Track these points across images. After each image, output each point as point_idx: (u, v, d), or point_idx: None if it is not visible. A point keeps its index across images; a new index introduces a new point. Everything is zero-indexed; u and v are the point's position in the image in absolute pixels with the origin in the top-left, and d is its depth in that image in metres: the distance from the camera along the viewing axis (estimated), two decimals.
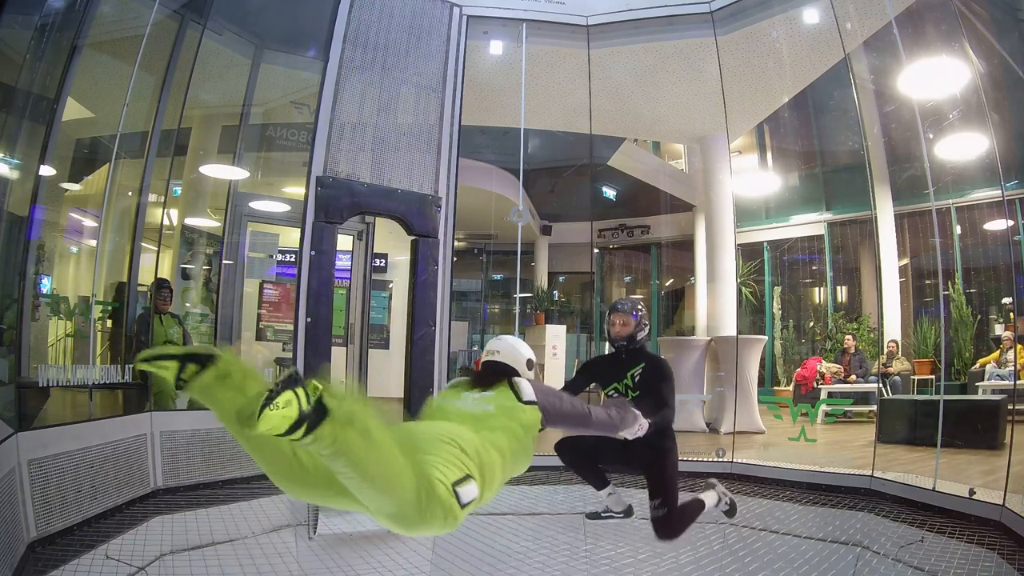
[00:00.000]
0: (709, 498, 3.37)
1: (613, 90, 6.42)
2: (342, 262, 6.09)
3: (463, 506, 1.56)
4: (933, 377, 7.21)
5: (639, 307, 3.16)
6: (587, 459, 3.27)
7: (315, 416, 1.21)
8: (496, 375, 2.13)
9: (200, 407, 4.79)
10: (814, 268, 9.59)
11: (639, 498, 4.43)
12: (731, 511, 3.53)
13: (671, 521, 3.01)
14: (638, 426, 2.44)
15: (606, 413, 2.29)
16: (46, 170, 3.94)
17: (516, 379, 2.08)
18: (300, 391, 1.20)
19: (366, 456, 1.29)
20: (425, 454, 1.57)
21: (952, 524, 3.60)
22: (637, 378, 3.05)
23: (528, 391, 2.01)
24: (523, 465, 1.95)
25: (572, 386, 3.25)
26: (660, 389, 2.97)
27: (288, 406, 1.16)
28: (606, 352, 3.48)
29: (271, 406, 1.15)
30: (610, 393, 3.11)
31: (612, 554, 4.23)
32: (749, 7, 5.54)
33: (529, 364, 2.28)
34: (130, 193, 4.49)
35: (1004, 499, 3.53)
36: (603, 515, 3.54)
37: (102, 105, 4.51)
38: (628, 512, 3.46)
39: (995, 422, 4.94)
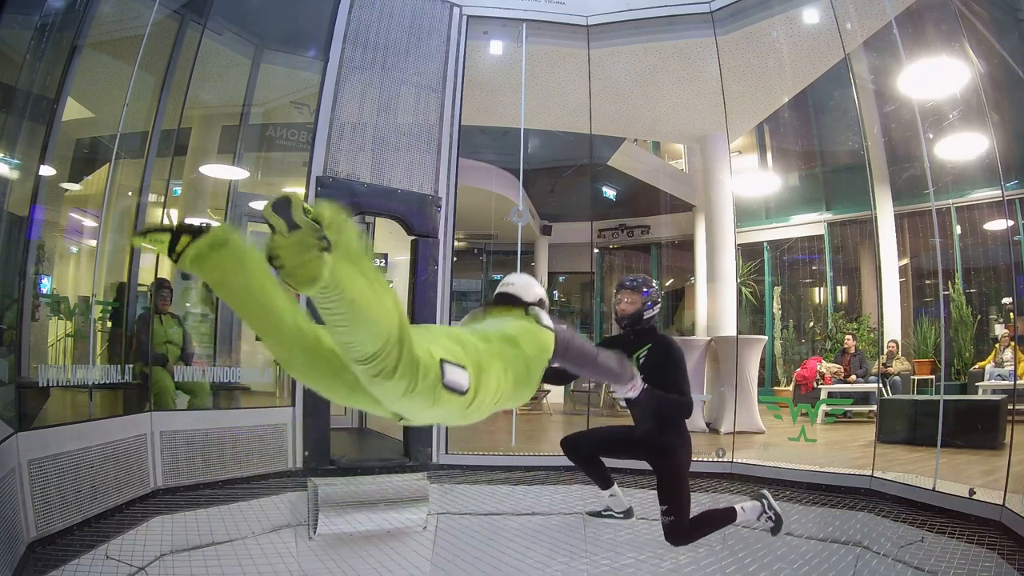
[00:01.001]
0: (748, 510, 3.15)
1: (613, 90, 6.42)
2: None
3: (445, 385, 1.47)
4: (933, 377, 7.21)
5: (650, 284, 2.97)
6: (593, 455, 3.21)
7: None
8: (510, 304, 2.18)
9: (200, 407, 4.78)
10: (814, 268, 9.59)
11: (639, 498, 4.44)
12: (776, 527, 3.19)
13: (679, 529, 2.91)
14: (631, 385, 2.44)
15: (612, 360, 2.28)
16: (46, 170, 3.94)
17: (533, 307, 2.11)
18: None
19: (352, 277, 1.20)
20: (421, 340, 1.48)
21: (952, 524, 3.60)
22: (642, 360, 2.89)
23: (546, 318, 2.04)
24: (525, 395, 1.89)
25: None
26: (668, 373, 2.79)
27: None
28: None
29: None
30: None
31: (612, 553, 4.23)
32: (749, 7, 5.54)
33: (541, 302, 2.29)
34: (130, 193, 4.49)
35: (1004, 499, 3.53)
36: (603, 514, 3.46)
37: (102, 105, 4.50)
38: (628, 514, 3.39)
39: (995, 422, 4.94)
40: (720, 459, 5.00)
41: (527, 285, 2.32)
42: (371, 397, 1.47)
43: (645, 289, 2.93)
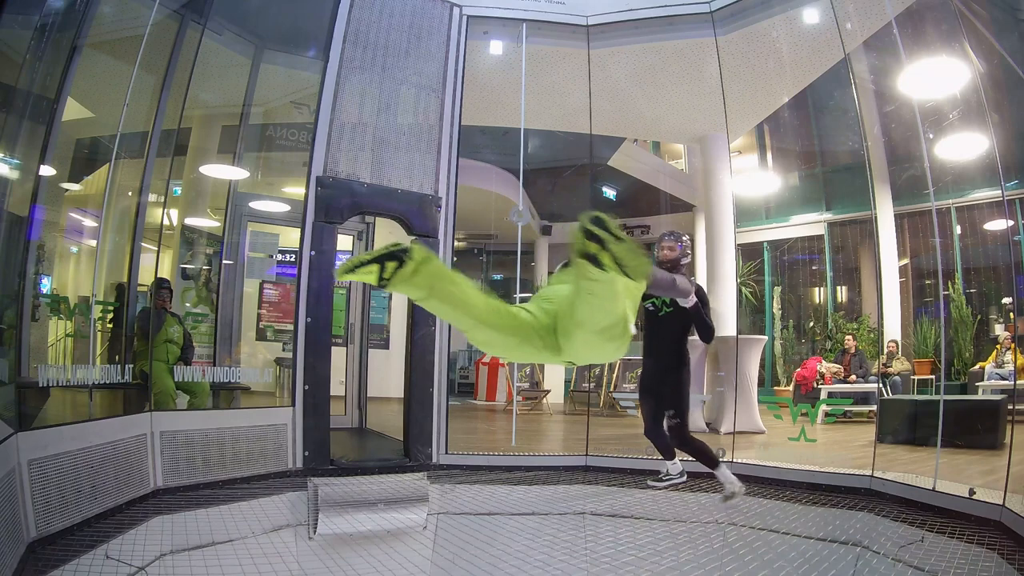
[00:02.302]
0: (723, 475, 3.88)
1: (613, 90, 6.42)
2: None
3: (633, 335, 1.83)
4: (933, 377, 7.21)
5: (684, 238, 3.73)
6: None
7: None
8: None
9: (200, 407, 4.78)
10: (814, 268, 9.59)
11: (638, 498, 4.43)
12: (728, 497, 3.91)
13: (681, 432, 3.74)
14: (691, 299, 3.40)
15: (681, 281, 3.16)
16: (46, 170, 3.94)
17: None
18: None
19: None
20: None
21: (952, 524, 3.60)
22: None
23: None
24: (622, 332, 1.93)
25: None
26: (700, 307, 3.52)
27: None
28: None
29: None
30: (646, 306, 3.72)
31: (612, 552, 4.23)
32: (749, 7, 5.54)
33: None
34: (130, 193, 4.49)
35: (1004, 499, 3.53)
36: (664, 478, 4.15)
37: (102, 105, 4.50)
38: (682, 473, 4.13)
39: (995, 422, 4.94)
40: (720, 459, 4.99)
41: None
42: (553, 353, 1.83)
43: (680, 243, 3.70)
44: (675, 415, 3.74)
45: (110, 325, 4.32)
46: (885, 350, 7.28)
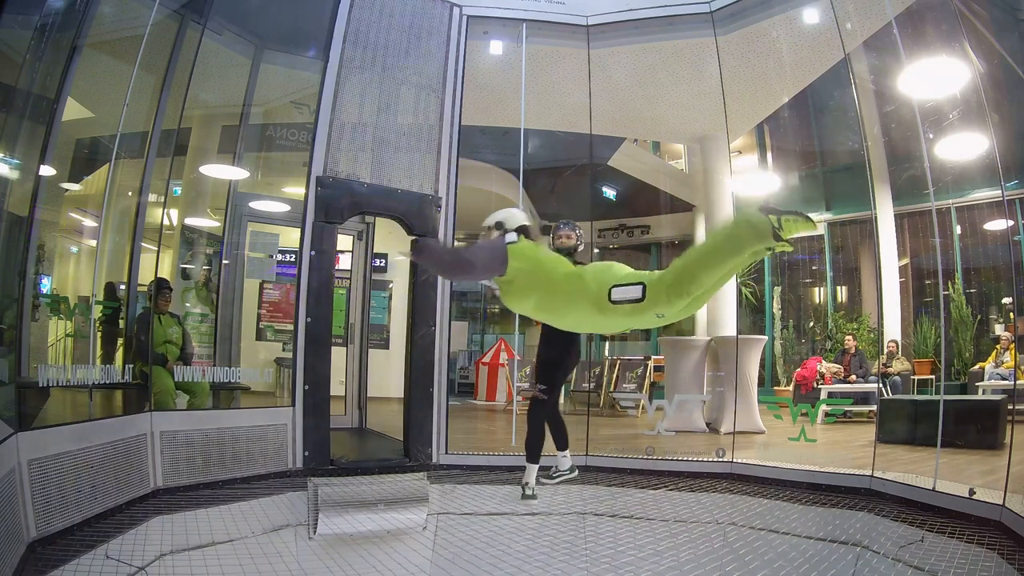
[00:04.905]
0: (563, 460, 4.44)
1: (613, 90, 6.41)
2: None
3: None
4: (933, 377, 7.21)
5: (578, 227, 4.01)
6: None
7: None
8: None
9: (200, 407, 4.77)
10: (814, 268, 9.59)
11: (639, 498, 4.44)
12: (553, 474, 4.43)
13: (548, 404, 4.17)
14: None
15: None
16: (46, 170, 3.94)
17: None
18: None
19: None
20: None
21: (952, 524, 3.60)
22: None
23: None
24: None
25: None
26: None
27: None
28: None
29: None
30: None
31: (612, 553, 4.23)
32: (749, 7, 5.53)
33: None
34: (130, 193, 4.49)
35: (1004, 499, 3.53)
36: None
37: (102, 105, 4.50)
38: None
39: (995, 422, 4.94)
40: (720, 459, 5.00)
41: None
42: (625, 320, 2.26)
43: (579, 229, 3.97)
44: (547, 390, 4.10)
45: (100, 329, 4.29)
46: (885, 350, 7.28)
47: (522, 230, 2.69)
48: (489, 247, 2.53)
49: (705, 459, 5.04)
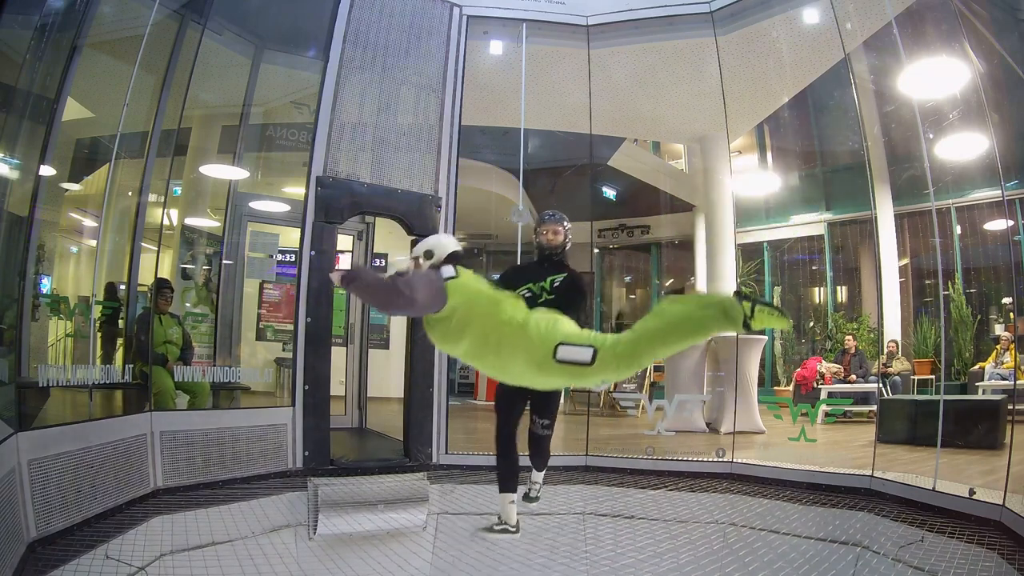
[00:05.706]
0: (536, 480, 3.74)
1: (613, 90, 6.41)
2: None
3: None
4: (933, 377, 7.21)
5: (566, 220, 3.36)
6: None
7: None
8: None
9: (200, 407, 4.77)
10: (814, 268, 9.58)
11: (639, 499, 4.44)
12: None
13: (549, 443, 3.52)
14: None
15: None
16: (46, 170, 3.94)
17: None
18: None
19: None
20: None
21: (952, 524, 3.60)
22: (556, 284, 3.19)
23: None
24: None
25: None
26: (576, 300, 3.15)
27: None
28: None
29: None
30: (522, 293, 3.09)
31: (612, 554, 4.23)
32: (749, 7, 5.53)
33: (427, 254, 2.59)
34: (130, 193, 4.49)
35: (1004, 499, 3.53)
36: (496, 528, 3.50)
37: (102, 105, 4.50)
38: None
39: (995, 422, 4.94)
40: (720, 459, 5.00)
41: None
42: (561, 380, 2.25)
43: (566, 223, 3.34)
44: (549, 425, 3.39)
45: (100, 329, 4.29)
46: (885, 350, 7.28)
47: (453, 257, 2.52)
48: (426, 281, 2.29)
49: (705, 459, 5.04)
